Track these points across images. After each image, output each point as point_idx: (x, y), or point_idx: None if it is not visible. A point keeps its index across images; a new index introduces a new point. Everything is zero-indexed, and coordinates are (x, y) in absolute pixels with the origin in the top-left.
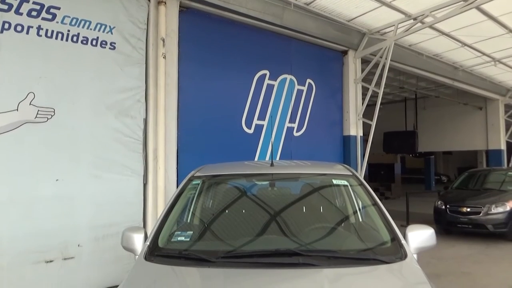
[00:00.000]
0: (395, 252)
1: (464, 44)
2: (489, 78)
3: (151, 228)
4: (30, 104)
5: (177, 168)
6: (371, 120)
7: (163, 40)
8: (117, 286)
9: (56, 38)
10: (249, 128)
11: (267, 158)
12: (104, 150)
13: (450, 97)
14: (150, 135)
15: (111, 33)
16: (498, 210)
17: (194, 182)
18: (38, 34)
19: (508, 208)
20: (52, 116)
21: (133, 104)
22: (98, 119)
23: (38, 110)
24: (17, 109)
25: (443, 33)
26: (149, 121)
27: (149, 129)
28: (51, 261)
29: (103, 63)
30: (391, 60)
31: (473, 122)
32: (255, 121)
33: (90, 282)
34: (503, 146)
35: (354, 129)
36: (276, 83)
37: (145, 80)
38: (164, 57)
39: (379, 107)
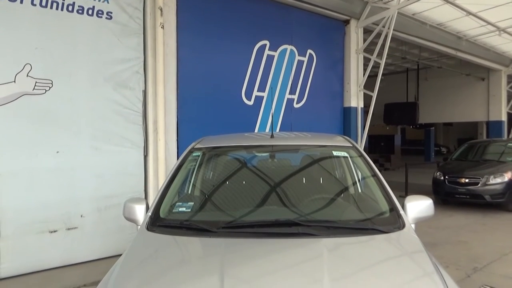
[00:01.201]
0: (393, 222)
1: (469, 13)
2: (493, 48)
3: (152, 199)
4: (27, 75)
5: (177, 139)
6: (372, 92)
7: (161, 10)
8: (121, 255)
9: (51, 7)
10: (249, 99)
11: (267, 129)
12: (104, 122)
13: (453, 68)
14: (149, 107)
15: (107, 2)
16: (496, 181)
17: (194, 154)
18: (32, 3)
19: (506, 179)
20: (50, 88)
21: (132, 75)
22: (96, 91)
23: (36, 82)
24: (15, 81)
25: (447, 1)
26: (148, 92)
27: (149, 100)
28: (55, 231)
29: (100, 33)
30: (394, 29)
31: (474, 93)
32: (255, 93)
33: (94, 251)
34: (504, 118)
35: (355, 100)
36: (276, 54)
37: (143, 51)
38: (162, 27)
39: (381, 78)
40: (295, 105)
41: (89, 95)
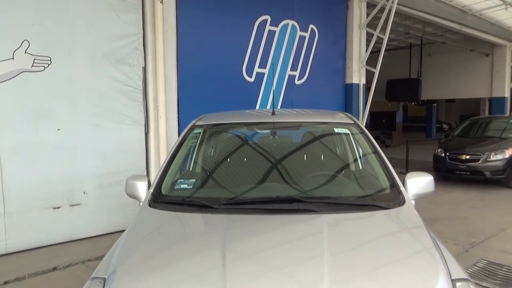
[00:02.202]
0: (393, 198)
1: None
2: (498, 23)
3: (154, 176)
4: (25, 52)
5: (178, 117)
6: (375, 68)
7: None
8: (124, 230)
9: None
10: (250, 76)
11: (268, 106)
12: (104, 100)
13: (457, 43)
14: (149, 84)
15: None
16: (497, 158)
17: (195, 131)
18: None
19: (507, 156)
20: (49, 64)
21: (131, 52)
22: (95, 67)
23: (34, 59)
24: (13, 58)
25: None
26: (148, 69)
27: (149, 77)
28: (58, 208)
29: (98, 8)
30: (398, 3)
31: (478, 69)
32: (256, 69)
33: (97, 227)
34: (507, 94)
35: (357, 77)
36: (277, 29)
37: (143, 26)
38: (162, 2)
39: (383, 54)
40: (297, 82)
41: (88, 72)
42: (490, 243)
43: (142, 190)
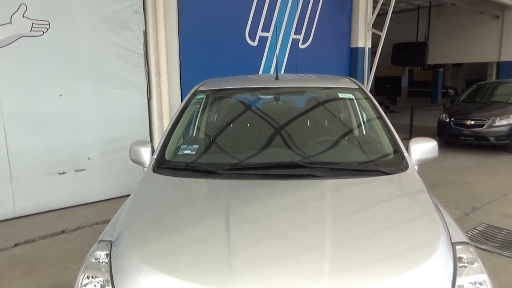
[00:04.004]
0: (396, 163)
1: None
2: None
3: (157, 141)
4: (23, 16)
5: (180, 82)
6: (381, 31)
7: None
8: (129, 195)
9: None
10: (253, 40)
11: (272, 71)
12: (105, 65)
13: (467, 5)
14: (151, 49)
15: None
16: (502, 123)
17: (198, 97)
18: None
19: None
20: (47, 29)
21: (131, 15)
22: (95, 32)
23: (33, 23)
24: (11, 22)
25: None
26: (149, 33)
27: (150, 42)
28: (64, 173)
29: None
30: None
31: (487, 32)
32: (259, 33)
33: (103, 192)
34: None
35: (363, 40)
36: None
37: None
38: None
39: (390, 17)
40: (301, 46)
41: (88, 36)
42: (490, 207)
43: (146, 156)
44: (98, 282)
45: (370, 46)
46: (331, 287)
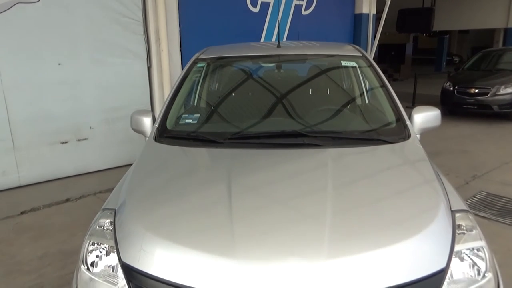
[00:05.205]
0: (399, 132)
1: None
2: None
3: (158, 110)
4: None
5: (180, 50)
6: None
7: None
8: (131, 164)
9: None
10: (255, 6)
11: (274, 39)
12: (104, 32)
13: None
14: (150, 15)
15: None
16: (507, 91)
17: (199, 65)
18: None
19: None
20: None
21: None
22: None
23: None
24: None
25: None
26: None
27: (148, 8)
28: (66, 142)
29: None
30: None
31: None
32: None
33: (105, 161)
34: None
35: (367, 6)
36: None
37: None
38: None
39: None
40: (303, 12)
41: (85, 1)
42: (491, 176)
43: (147, 125)
44: (103, 249)
45: (374, 12)
46: (331, 253)
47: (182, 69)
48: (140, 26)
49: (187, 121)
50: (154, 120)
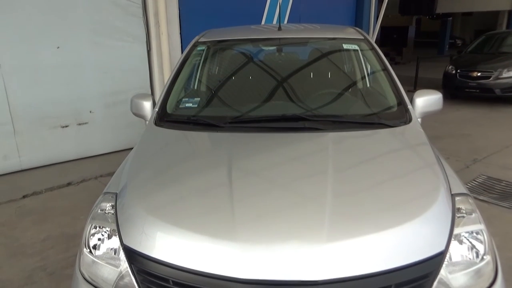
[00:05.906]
0: (400, 116)
1: None
2: None
3: (158, 94)
4: None
5: (180, 33)
6: None
7: None
8: (132, 148)
9: None
10: None
11: (275, 21)
12: (102, 15)
13: None
14: None
15: None
16: (509, 75)
17: (199, 48)
18: None
19: None
20: None
21: None
22: None
23: None
24: None
25: None
26: None
27: None
28: (66, 126)
29: None
30: None
31: None
32: None
33: (106, 145)
34: None
35: None
36: None
37: None
38: None
39: None
40: None
41: None
42: (491, 159)
43: (147, 109)
44: (105, 232)
45: None
46: (332, 236)
47: (182, 53)
48: (140, 9)
49: (187, 105)
50: (154, 104)
